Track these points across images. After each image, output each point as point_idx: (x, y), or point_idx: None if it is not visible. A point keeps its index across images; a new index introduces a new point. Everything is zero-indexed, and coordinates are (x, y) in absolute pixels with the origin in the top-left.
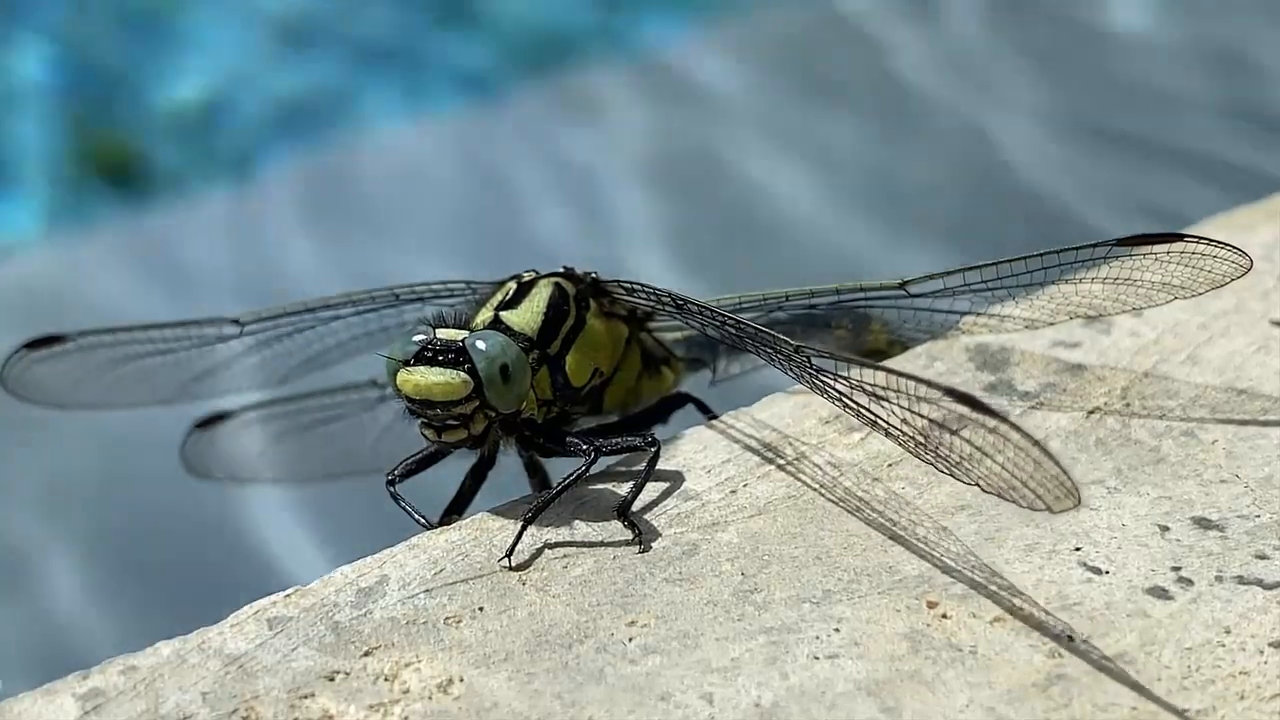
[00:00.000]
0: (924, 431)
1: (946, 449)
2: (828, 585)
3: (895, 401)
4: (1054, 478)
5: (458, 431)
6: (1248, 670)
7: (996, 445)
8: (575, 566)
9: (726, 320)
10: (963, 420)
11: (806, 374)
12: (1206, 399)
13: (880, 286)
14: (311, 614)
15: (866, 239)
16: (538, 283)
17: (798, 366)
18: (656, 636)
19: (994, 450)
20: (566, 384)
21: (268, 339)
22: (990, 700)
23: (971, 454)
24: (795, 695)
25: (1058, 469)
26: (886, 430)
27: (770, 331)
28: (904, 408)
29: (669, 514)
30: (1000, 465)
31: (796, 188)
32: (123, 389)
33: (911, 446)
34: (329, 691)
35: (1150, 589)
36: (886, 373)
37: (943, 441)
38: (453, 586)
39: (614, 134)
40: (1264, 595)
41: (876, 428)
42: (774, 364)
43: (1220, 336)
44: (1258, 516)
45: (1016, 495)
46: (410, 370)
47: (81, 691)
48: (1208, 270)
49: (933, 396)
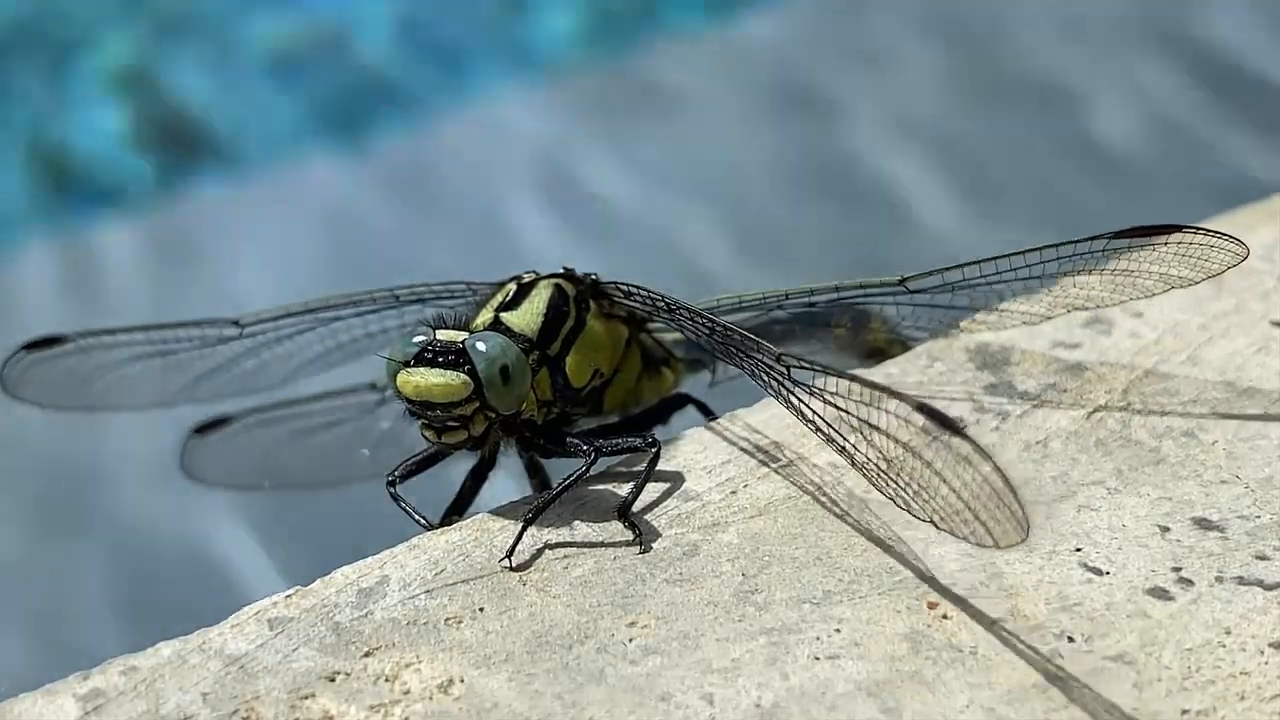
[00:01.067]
0: (886, 455)
1: (908, 475)
2: (828, 586)
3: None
4: (1007, 509)
5: (458, 433)
6: (1248, 671)
7: (955, 469)
8: (576, 567)
9: (715, 327)
10: (928, 439)
11: (775, 381)
12: (1207, 399)
13: (880, 283)
14: (312, 614)
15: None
16: (538, 284)
17: (776, 378)
18: (657, 637)
19: (951, 474)
20: (566, 385)
21: (268, 340)
22: (990, 701)
23: (930, 480)
24: (796, 696)
25: (1013, 500)
26: (852, 459)
27: (752, 336)
28: (871, 425)
29: (669, 515)
30: (953, 490)
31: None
32: (122, 390)
33: (873, 473)
34: (329, 692)
35: (1151, 589)
36: (860, 384)
37: (905, 466)
38: (453, 587)
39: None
40: (1264, 596)
41: (833, 445)
42: (753, 377)
43: (1220, 337)
44: (1258, 517)
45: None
46: (410, 371)
47: (82, 692)
48: (1205, 260)
49: (901, 411)
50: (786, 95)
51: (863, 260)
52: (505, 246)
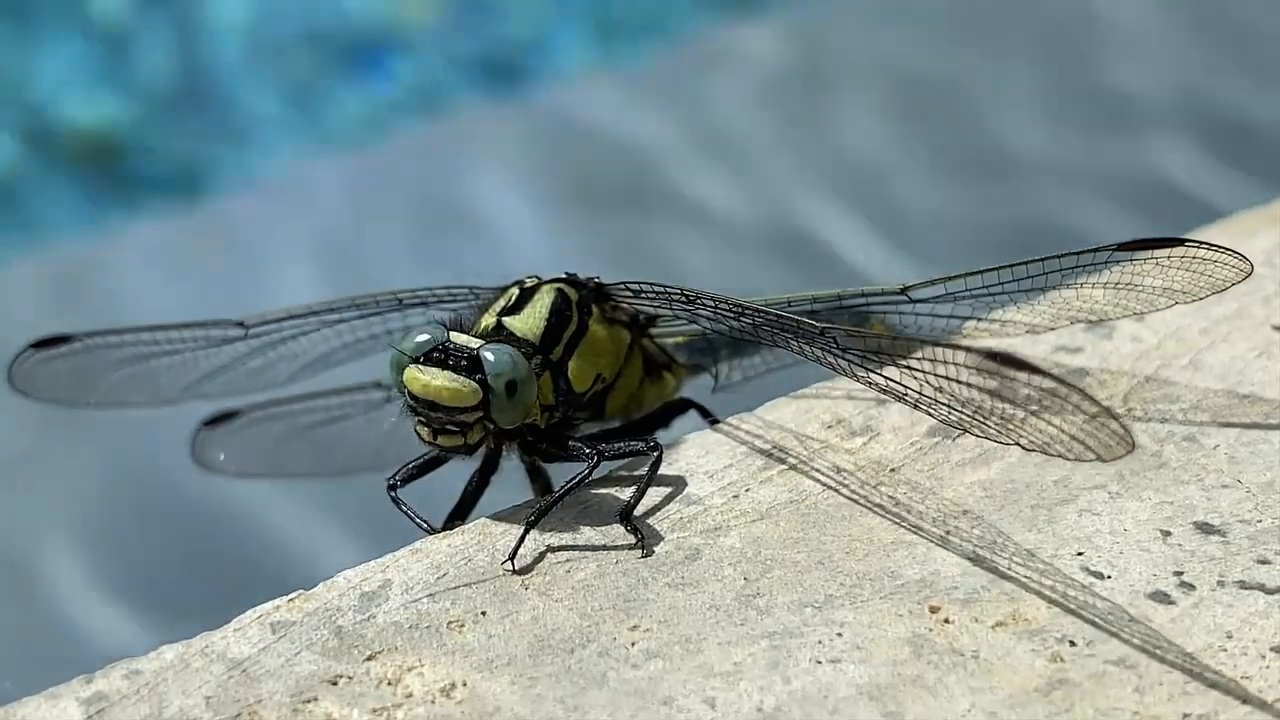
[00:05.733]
0: (961, 397)
1: (986, 412)
2: (830, 590)
3: (930, 371)
4: (1106, 427)
5: (454, 437)
6: (1250, 675)
7: (1043, 401)
8: (578, 571)
9: (744, 310)
10: (1003, 380)
11: (831, 354)
12: (1208, 404)
13: (882, 291)
14: (315, 618)
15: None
16: (540, 288)
17: (821, 349)
18: (659, 641)
19: (1041, 406)
20: (569, 390)
21: (272, 341)
22: (992, 705)
23: (1015, 413)
24: (797, 700)
25: (1111, 419)
26: (916, 402)
27: (792, 316)
28: (939, 375)
29: (671, 519)
30: (1047, 421)
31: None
32: (128, 389)
33: (945, 414)
34: (332, 696)
35: (1152, 594)
36: (919, 343)
37: (982, 405)
38: (455, 591)
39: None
40: (1265, 600)
41: (905, 401)
42: (794, 350)
43: (1222, 341)
44: (1259, 521)
45: (1064, 449)
46: (421, 369)
47: (85, 695)
48: (1209, 275)
49: (971, 361)
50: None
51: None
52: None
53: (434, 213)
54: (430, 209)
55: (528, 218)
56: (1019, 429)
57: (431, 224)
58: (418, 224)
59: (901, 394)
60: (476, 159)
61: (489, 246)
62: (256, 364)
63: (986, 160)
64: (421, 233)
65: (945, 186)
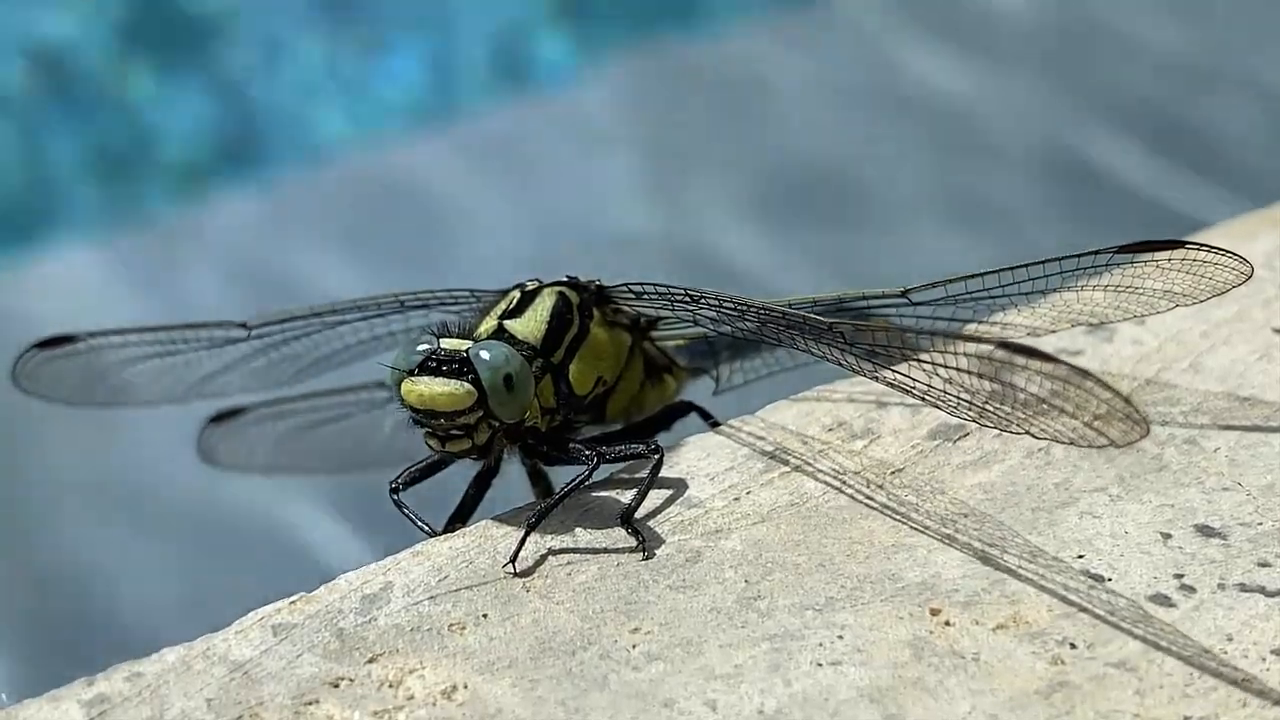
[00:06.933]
0: (972, 389)
1: (998, 403)
2: (831, 592)
3: (940, 364)
4: (1121, 412)
5: (462, 441)
6: (1250, 677)
7: (1056, 390)
8: (579, 573)
9: (749, 308)
10: (1015, 369)
11: (839, 350)
12: (1209, 406)
13: (883, 294)
14: (316, 620)
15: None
16: (541, 291)
17: (829, 344)
18: (660, 643)
19: (1053, 394)
20: (570, 392)
21: (275, 342)
22: (993, 707)
23: (1027, 403)
24: (798, 702)
25: (1126, 403)
26: (925, 395)
27: (799, 312)
28: (949, 368)
29: (672, 521)
30: (1060, 409)
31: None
32: (131, 389)
33: (955, 407)
34: (333, 698)
35: (1153, 596)
36: (928, 336)
37: (993, 396)
38: (457, 593)
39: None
40: (1266, 603)
41: (914, 394)
42: (801, 348)
43: (1222, 344)
44: (1260, 524)
45: (1077, 436)
46: (415, 380)
47: (87, 698)
48: (1209, 277)
49: (981, 352)
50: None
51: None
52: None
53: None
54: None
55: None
56: (1031, 419)
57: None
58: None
59: (910, 388)
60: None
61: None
62: (259, 364)
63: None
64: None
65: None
